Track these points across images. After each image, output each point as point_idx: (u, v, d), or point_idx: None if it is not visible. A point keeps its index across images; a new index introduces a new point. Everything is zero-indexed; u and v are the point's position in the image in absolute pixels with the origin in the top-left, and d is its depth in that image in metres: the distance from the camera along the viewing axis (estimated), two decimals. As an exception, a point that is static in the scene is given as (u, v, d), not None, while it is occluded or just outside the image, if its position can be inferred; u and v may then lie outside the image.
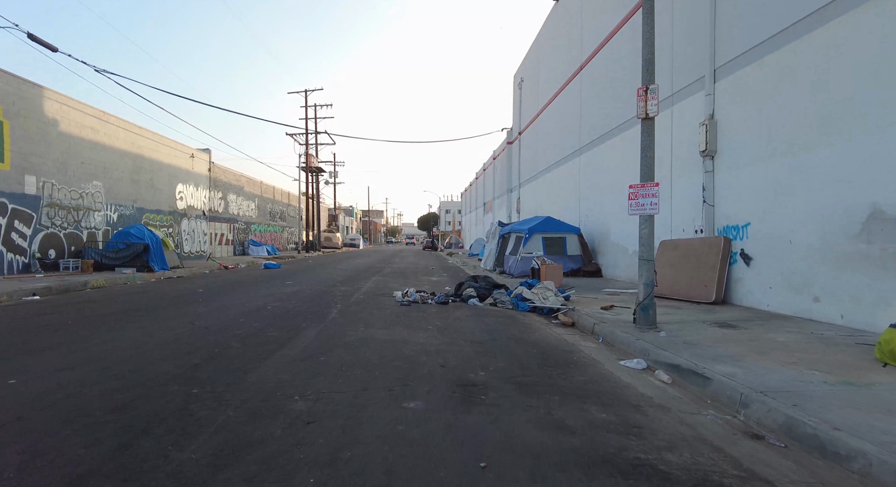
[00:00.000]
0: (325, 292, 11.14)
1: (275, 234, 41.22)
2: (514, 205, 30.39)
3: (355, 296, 10.57)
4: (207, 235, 28.37)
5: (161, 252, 18.05)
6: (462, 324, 7.39)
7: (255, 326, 6.78)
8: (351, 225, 79.55)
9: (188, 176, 25.95)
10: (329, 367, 4.67)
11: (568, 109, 19.41)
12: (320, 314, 7.88)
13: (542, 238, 15.89)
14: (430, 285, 13.24)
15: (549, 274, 12.26)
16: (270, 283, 13.65)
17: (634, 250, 13.32)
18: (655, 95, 6.68)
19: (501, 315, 8.52)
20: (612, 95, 14.96)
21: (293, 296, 10.45)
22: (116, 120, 19.31)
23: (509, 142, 31.75)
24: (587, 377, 4.77)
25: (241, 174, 33.86)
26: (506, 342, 6.18)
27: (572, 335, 7.07)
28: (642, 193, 6.80)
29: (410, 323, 7.30)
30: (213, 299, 9.87)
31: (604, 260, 15.58)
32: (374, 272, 18.30)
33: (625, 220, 13.95)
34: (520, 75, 28.79)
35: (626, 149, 13.77)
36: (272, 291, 11.49)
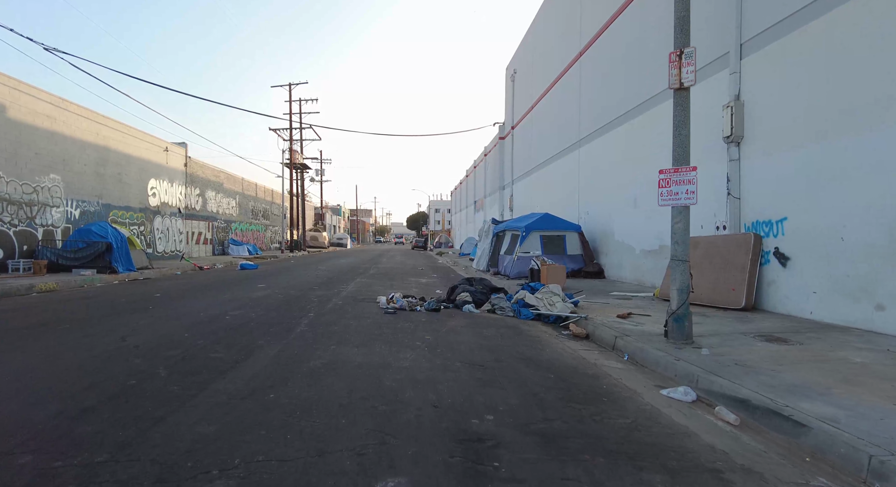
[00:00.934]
0: (299, 298, 9.80)
1: (257, 233, 39.63)
2: (506, 202, 29.20)
3: (333, 302, 9.26)
4: (183, 233, 26.80)
5: (126, 252, 16.55)
6: (457, 338, 6.14)
7: (200, 343, 5.45)
8: (338, 224, 77.90)
9: (162, 171, 24.38)
10: (277, 411, 3.38)
11: (566, 100, 18.24)
12: (286, 327, 6.57)
13: (540, 236, 14.69)
14: (419, 288, 11.98)
15: (551, 276, 11.06)
16: (240, 286, 12.28)
17: (643, 250, 12.18)
18: (692, 60, 5.48)
19: (502, 325, 7.29)
20: (616, 81, 13.80)
21: (260, 302, 9.11)
22: (77, 108, 17.75)
23: (501, 137, 30.56)
24: (629, 418, 3.55)
25: (221, 170, 32.28)
26: (513, 364, 4.94)
27: (590, 351, 5.86)
28: (676, 179, 5.60)
29: (395, 338, 6.02)
30: (166, 307, 8.50)
31: (606, 260, 14.42)
32: (359, 273, 16.97)
33: (631, 216, 12.81)
34: (512, 67, 27.61)
35: (633, 138, 12.62)
36: (238, 295, 10.14)
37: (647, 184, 11.89)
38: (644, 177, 12.04)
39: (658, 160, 11.30)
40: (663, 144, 11.03)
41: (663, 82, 11.06)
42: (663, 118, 11.07)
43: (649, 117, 11.77)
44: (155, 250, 23.56)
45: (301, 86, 40.92)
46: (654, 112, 11.53)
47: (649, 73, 11.84)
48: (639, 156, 12.36)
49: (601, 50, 15.03)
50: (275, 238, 43.77)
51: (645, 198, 12.09)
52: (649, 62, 11.83)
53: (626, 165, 13.05)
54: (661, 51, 11.32)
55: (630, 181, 12.82)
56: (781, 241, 7.63)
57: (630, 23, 13.03)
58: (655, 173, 11.73)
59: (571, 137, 17.39)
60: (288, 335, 6.03)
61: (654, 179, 11.97)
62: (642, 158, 12.16)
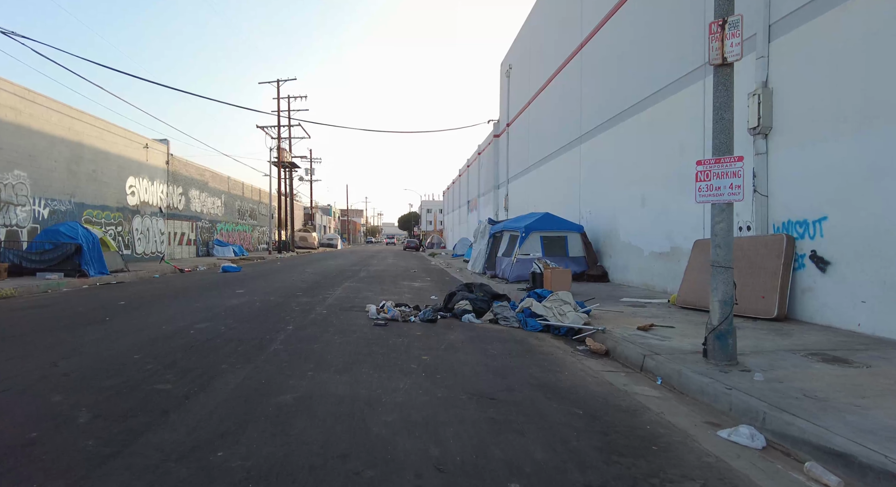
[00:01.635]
0: (279, 306, 8.85)
1: (244, 233, 38.46)
2: (501, 202, 28.36)
3: (316, 311, 8.32)
4: (165, 234, 25.64)
5: (99, 254, 15.46)
6: (459, 357, 5.24)
7: (149, 368, 4.50)
8: (328, 224, 76.70)
9: (142, 169, 23.24)
10: (222, 483, 2.44)
11: (566, 94, 17.41)
12: (258, 344, 5.62)
13: (540, 237, 13.84)
14: (412, 294, 11.06)
15: (556, 281, 10.19)
16: (217, 291, 11.29)
17: (652, 252, 11.35)
18: (738, 30, 4.62)
19: (508, 339, 6.40)
20: (622, 73, 12.98)
21: (235, 311, 8.15)
22: (46, 100, 16.62)
23: (496, 135, 29.72)
24: (696, 480, 2.67)
25: (206, 168, 31.13)
26: (530, 394, 4.05)
27: (615, 374, 4.99)
28: (718, 171, 4.74)
29: (386, 358, 5.11)
30: (127, 317, 7.52)
31: (611, 262, 13.59)
32: (348, 277, 16.01)
33: (638, 216, 11.98)
34: (507, 62, 26.77)
35: (642, 132, 11.79)
36: (213, 303, 9.16)
37: (658, 181, 11.06)
38: (654, 174, 11.22)
39: (671, 155, 10.48)
40: (679, 137, 10.22)
41: (678, 70, 10.25)
42: (678, 109, 10.25)
43: (661, 109, 10.94)
44: (134, 251, 22.42)
45: (289, 82, 39.76)
46: (668, 104, 10.71)
47: (660, 61, 11.02)
48: (648, 151, 11.54)
49: (604, 40, 14.21)
50: (262, 239, 42.60)
51: (654, 196, 11.27)
52: (662, 50, 11.01)
53: (634, 161, 12.23)
54: (675, 36, 10.51)
55: (638, 179, 12.00)
56: (819, 243, 6.82)
57: (639, 8, 12.21)
58: (667, 170, 10.93)
59: (572, 133, 16.57)
60: (258, 355, 5.08)
61: (665, 176, 11.21)
62: (652, 154, 11.34)
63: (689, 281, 8.60)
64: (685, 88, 10.06)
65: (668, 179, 10.67)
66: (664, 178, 10.86)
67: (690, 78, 9.87)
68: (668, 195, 10.66)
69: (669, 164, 10.63)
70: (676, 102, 10.38)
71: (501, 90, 28.59)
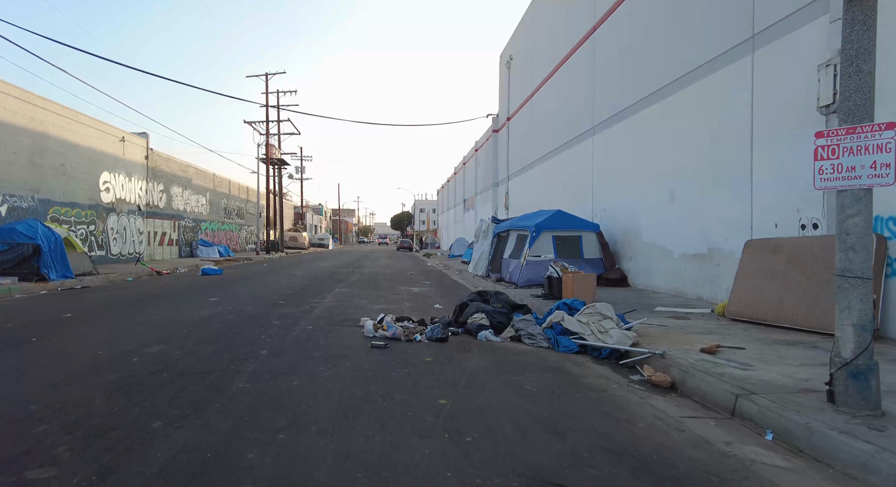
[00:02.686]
0: (255, 319, 7.41)
1: (231, 233, 36.83)
2: (500, 200, 27.03)
3: (300, 326, 6.90)
4: (144, 234, 24.03)
5: (62, 255, 13.91)
6: (489, 399, 3.87)
7: (37, 432, 3.05)
8: (320, 224, 75.02)
9: (117, 163, 21.62)
10: None
11: (575, 82, 16.09)
12: (215, 381, 4.20)
13: (552, 237, 12.51)
14: (414, 302, 9.68)
15: (579, 287, 8.86)
16: (188, 299, 9.83)
17: (683, 254, 10.05)
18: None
19: (541, 365, 5.05)
20: (643, 54, 11.68)
21: (200, 327, 6.71)
22: (2, 84, 15.02)
23: (495, 130, 28.37)
24: None
25: (189, 164, 29.51)
26: (610, 472, 2.70)
27: (700, 419, 3.69)
28: (851, 145, 3.42)
29: (389, 404, 3.72)
30: (60, 336, 6.05)
31: (631, 265, 12.29)
32: (339, 280, 14.57)
33: (665, 213, 10.69)
34: (508, 53, 25.43)
35: (670, 119, 10.48)
36: (176, 315, 7.70)
37: (690, 174, 9.76)
38: (686, 166, 9.92)
39: (706, 144, 9.17)
40: (716, 123, 8.91)
41: (716, 46, 8.94)
42: (716, 92, 8.93)
43: (694, 93, 9.64)
44: (108, 252, 20.80)
45: (278, 76, 38.23)
46: (702, 86, 9.40)
47: (692, 39, 9.72)
48: (678, 141, 10.24)
49: (621, 21, 12.91)
50: (250, 239, 40.95)
51: (685, 191, 9.97)
52: (693, 26, 9.72)
53: (660, 152, 10.93)
54: (712, 8, 9.19)
55: (666, 172, 10.69)
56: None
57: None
58: (701, 161, 9.58)
59: (582, 125, 15.25)
60: (213, 401, 3.67)
61: (699, 168, 9.78)
62: (683, 144, 10.04)
63: (743, 290, 7.29)
64: (726, 67, 8.76)
65: (703, 172, 9.38)
66: (697, 170, 9.57)
67: (732, 55, 8.57)
68: (704, 190, 9.37)
69: (704, 154, 9.35)
70: (714, 83, 9.09)
71: (501, 82, 27.25)
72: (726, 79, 8.76)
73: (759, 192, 7.99)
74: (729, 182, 8.67)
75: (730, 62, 8.66)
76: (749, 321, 7.01)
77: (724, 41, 8.75)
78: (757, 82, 8.03)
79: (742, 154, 8.31)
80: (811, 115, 6.84)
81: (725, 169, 8.76)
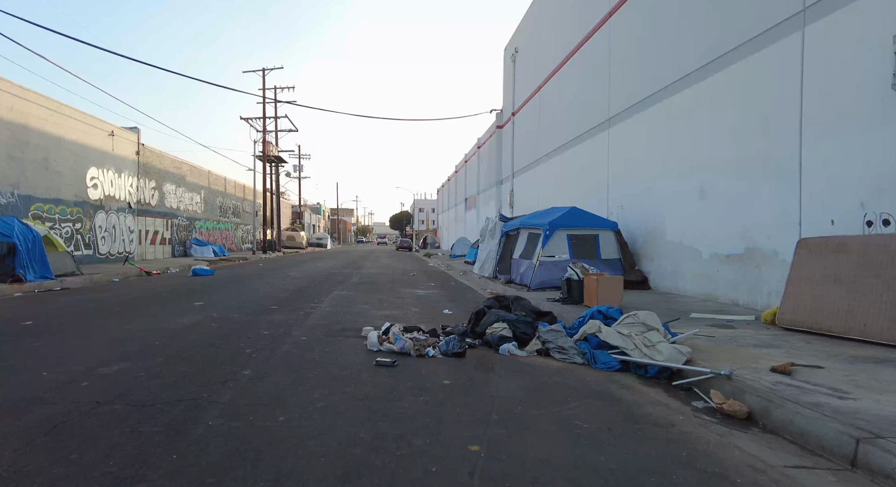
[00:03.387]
0: (242, 329, 6.47)
1: (227, 232, 35.87)
2: (505, 199, 26.13)
3: (293, 337, 5.98)
4: (135, 232, 23.07)
5: (41, 254, 12.97)
6: (534, 446, 2.95)
7: None
8: (318, 224, 74.05)
9: (106, 159, 20.67)
10: None
11: (588, 72, 15.19)
12: (177, 419, 3.24)
13: (567, 236, 11.60)
14: (420, 307, 8.77)
15: (604, 291, 7.96)
16: (170, 304, 8.89)
17: (714, 254, 9.15)
18: None
19: (584, 390, 4.14)
20: (668, 38, 10.77)
21: (175, 339, 5.78)
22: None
23: (499, 126, 27.46)
24: None
25: (183, 161, 28.55)
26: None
27: (813, 472, 2.77)
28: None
29: (404, 456, 2.79)
30: (5, 355, 5.11)
31: (653, 266, 11.38)
32: (338, 282, 13.65)
33: (693, 209, 9.80)
34: (513, 45, 24.51)
35: (701, 108, 9.58)
36: (151, 325, 6.75)
37: (727, 167, 8.86)
38: (722, 158, 9.01)
39: (749, 133, 8.25)
40: (762, 108, 7.94)
41: (761, 21, 8.02)
42: (761, 73, 7.98)
43: (734, 74, 8.73)
44: (96, 251, 19.84)
45: (275, 71, 37.22)
46: (745, 65, 8.50)
47: (731, 15, 8.81)
48: (710, 130, 9.34)
49: (640, 4, 12.01)
50: (247, 238, 40.00)
51: (719, 185, 9.07)
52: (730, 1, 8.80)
53: (689, 143, 10.02)
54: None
55: (694, 165, 9.79)
56: None
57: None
58: (742, 152, 8.46)
59: (597, 117, 14.35)
60: (166, 454, 2.73)
61: (739, 160, 8.40)
62: (717, 133, 9.14)
63: (798, 295, 6.38)
64: (769, 46, 7.86)
65: (741, 164, 8.48)
66: (734, 162, 8.67)
67: (778, 32, 7.67)
68: (741, 183, 8.47)
69: (742, 144, 8.45)
70: (755, 65, 8.19)
71: (505, 77, 26.33)
72: (770, 59, 7.85)
73: (811, 184, 7.09)
74: (772, 174, 7.77)
75: (775, 40, 7.76)
76: (808, 331, 6.10)
77: (768, 18, 7.85)
78: (809, 61, 7.13)
79: (789, 142, 7.41)
80: (880, 93, 5.94)
81: (768, 160, 7.87)
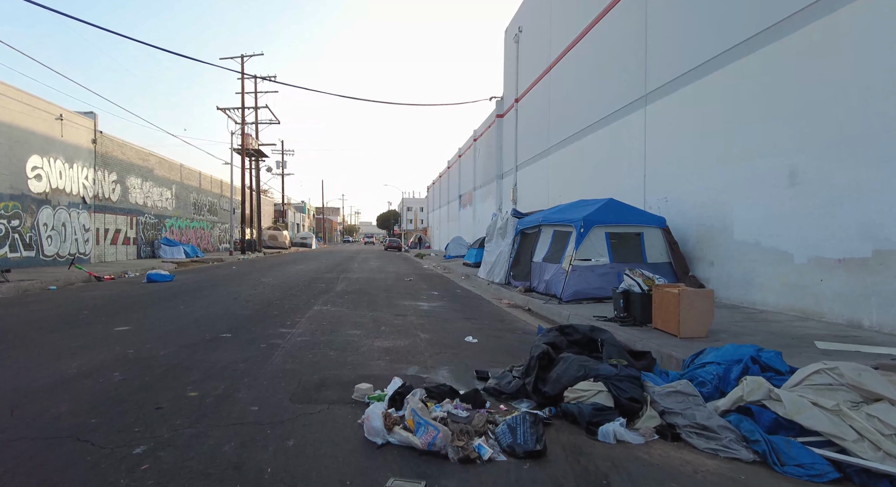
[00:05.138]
0: (162, 380, 4.04)
1: (202, 231, 33.08)
2: (506, 194, 23.85)
3: (236, 405, 3.57)
4: (91, 230, 20.34)
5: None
6: None
7: None
8: (302, 223, 71.14)
9: (52, 146, 17.94)
10: None
11: (617, 43, 12.95)
12: None
13: (605, 234, 9.35)
14: (428, 329, 6.39)
15: (688, 311, 5.69)
16: (83, 327, 6.41)
17: (815, 258, 6.96)
18: None
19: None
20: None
21: (30, 407, 3.37)
22: None
23: (499, 115, 25.17)
24: None
25: (151, 153, 25.79)
26: None
27: None
28: None
29: None
30: None
31: (713, 272, 9.17)
32: (320, 291, 11.21)
33: (780, 201, 7.63)
34: (516, 25, 22.22)
35: (793, 65, 7.35)
36: (27, 369, 4.31)
37: (831, 142, 6.65)
38: (822, 132, 6.81)
39: (873, 94, 5.99)
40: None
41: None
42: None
43: (848, 19, 6.52)
44: (41, 252, 17.11)
45: (255, 58, 34.48)
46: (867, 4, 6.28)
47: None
48: (805, 98, 7.13)
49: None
50: (224, 237, 37.17)
51: (821, 168, 6.88)
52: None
53: (770, 116, 7.81)
54: None
55: (780, 143, 7.58)
56: None
57: None
58: (851, 124, 5.47)
59: (628, 94, 12.12)
60: None
61: (850, 135, 5.56)
62: (815, 101, 6.93)
63: None
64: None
65: (859, 139, 6.29)
66: (846, 137, 6.47)
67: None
68: (860, 164, 6.29)
69: (861, 111, 6.26)
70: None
71: (507, 61, 24.04)
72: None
73: None
74: (878, 159, 5.56)
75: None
76: None
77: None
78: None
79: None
80: None
81: (883, 142, 5.66)
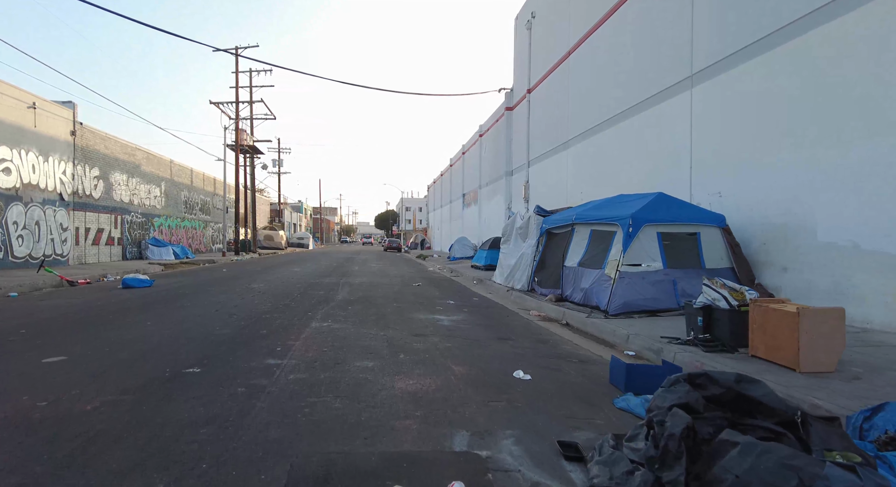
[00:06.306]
0: (56, 472, 2.56)
1: (194, 231, 31.48)
2: (517, 191, 22.37)
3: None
4: (69, 230, 18.76)
5: None
6: None
7: None
8: (299, 223, 69.50)
9: (24, 137, 16.35)
10: None
11: (651, 17, 11.48)
12: None
13: (657, 234, 7.87)
14: (461, 360, 4.88)
15: (809, 334, 4.23)
16: (18, 355, 4.89)
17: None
18: None
19: None
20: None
21: None
22: None
23: (508, 107, 23.68)
24: None
25: (138, 147, 24.21)
26: None
27: None
28: None
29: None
30: None
31: (785, 280, 7.69)
32: (318, 301, 9.68)
33: (881, 193, 6.12)
34: (528, 11, 20.74)
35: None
36: None
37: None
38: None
39: None
40: None
41: None
42: None
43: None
44: (9, 254, 15.53)
45: (250, 50, 32.90)
46: None
47: None
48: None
49: None
50: (218, 237, 35.58)
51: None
52: None
53: (866, 93, 6.34)
54: None
55: (879, 124, 6.12)
56: None
57: None
58: None
59: (668, 76, 10.66)
60: None
61: None
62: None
63: None
64: None
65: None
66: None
67: None
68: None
69: None
70: None
71: (517, 50, 22.56)
72: None
73: None
74: None
75: None
76: None
77: None
78: None
79: None
80: None
81: None
